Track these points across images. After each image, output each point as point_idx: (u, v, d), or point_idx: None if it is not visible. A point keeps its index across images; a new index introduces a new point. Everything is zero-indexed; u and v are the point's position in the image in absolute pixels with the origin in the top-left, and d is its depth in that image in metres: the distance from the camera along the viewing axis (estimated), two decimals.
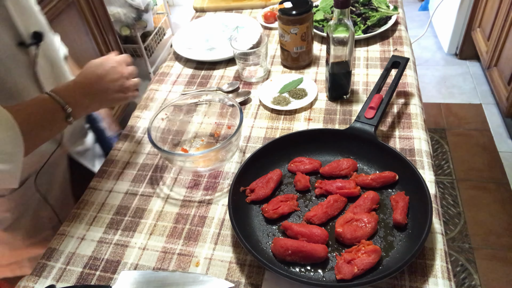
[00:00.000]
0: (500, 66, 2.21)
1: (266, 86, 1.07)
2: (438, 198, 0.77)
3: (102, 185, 0.88)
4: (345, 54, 0.91)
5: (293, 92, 1.04)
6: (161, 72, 1.21)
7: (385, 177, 0.77)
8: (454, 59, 2.77)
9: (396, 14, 1.23)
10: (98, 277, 0.71)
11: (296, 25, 1.04)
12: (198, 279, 0.67)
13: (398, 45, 1.17)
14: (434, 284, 0.64)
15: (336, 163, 0.81)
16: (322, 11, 1.29)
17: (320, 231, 0.69)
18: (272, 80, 1.09)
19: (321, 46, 1.22)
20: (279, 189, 0.80)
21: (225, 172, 0.87)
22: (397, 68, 0.94)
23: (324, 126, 0.95)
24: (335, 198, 0.75)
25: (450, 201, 1.90)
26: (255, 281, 0.68)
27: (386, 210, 0.74)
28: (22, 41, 0.75)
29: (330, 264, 0.67)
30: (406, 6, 2.43)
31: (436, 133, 2.24)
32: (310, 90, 1.03)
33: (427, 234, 0.63)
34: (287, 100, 1.01)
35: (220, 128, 0.94)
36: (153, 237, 0.76)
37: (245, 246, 0.65)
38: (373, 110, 0.85)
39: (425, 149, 0.86)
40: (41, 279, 0.72)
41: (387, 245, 0.68)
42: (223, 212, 0.79)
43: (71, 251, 0.76)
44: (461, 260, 1.68)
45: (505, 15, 2.08)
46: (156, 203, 0.83)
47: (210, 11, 1.49)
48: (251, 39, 1.19)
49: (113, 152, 0.96)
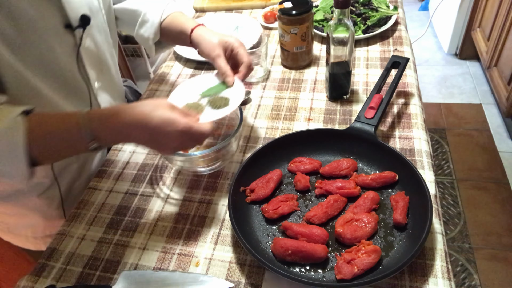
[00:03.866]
0: (500, 66, 2.21)
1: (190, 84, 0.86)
2: (438, 198, 0.77)
3: (102, 185, 0.88)
4: (345, 54, 0.91)
5: (213, 99, 0.81)
6: (161, 72, 1.21)
7: (385, 177, 0.77)
8: (454, 59, 2.77)
9: (396, 14, 1.23)
10: (98, 277, 0.71)
11: (296, 25, 1.04)
12: (198, 279, 0.67)
13: (398, 45, 1.17)
14: (434, 284, 0.64)
15: (336, 163, 0.81)
16: (322, 11, 1.29)
17: (320, 231, 0.69)
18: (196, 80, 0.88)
19: (321, 46, 1.22)
20: (279, 189, 0.80)
21: (225, 172, 0.87)
22: (397, 68, 0.94)
23: (324, 126, 0.95)
24: (335, 198, 0.75)
25: (450, 201, 1.90)
26: (255, 281, 0.68)
27: (386, 210, 0.74)
28: (68, 23, 0.75)
29: (330, 264, 0.67)
30: (406, 6, 2.43)
31: (436, 133, 2.24)
32: (233, 99, 0.80)
33: (427, 234, 0.63)
34: (200, 108, 0.79)
35: (220, 128, 0.94)
36: (153, 237, 0.76)
37: (245, 246, 0.65)
38: (373, 110, 0.85)
39: (425, 149, 0.86)
40: (41, 279, 0.72)
41: (387, 245, 0.68)
42: (223, 212, 0.79)
43: (71, 251, 0.76)
44: (461, 260, 1.68)
45: (505, 15, 2.08)
46: (156, 203, 0.83)
47: (210, 11, 1.49)
48: (251, 39, 1.19)
49: (113, 152, 0.96)
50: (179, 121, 0.62)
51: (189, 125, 0.63)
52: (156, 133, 0.62)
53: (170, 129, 0.62)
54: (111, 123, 0.63)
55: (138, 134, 0.63)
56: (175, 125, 0.62)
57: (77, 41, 0.78)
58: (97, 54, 0.87)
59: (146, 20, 0.96)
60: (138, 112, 0.62)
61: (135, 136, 0.64)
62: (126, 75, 2.49)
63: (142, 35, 0.98)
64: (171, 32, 0.95)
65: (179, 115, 0.63)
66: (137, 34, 0.99)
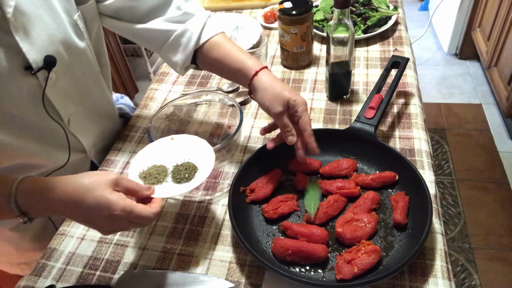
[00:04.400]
0: (500, 66, 2.21)
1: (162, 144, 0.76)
2: (438, 198, 0.77)
3: None
4: (345, 54, 0.91)
5: (177, 167, 0.71)
6: (161, 72, 1.21)
7: (385, 177, 0.77)
8: (454, 59, 2.77)
9: (396, 14, 1.23)
10: (98, 277, 0.71)
11: (296, 25, 1.04)
12: (198, 279, 0.67)
13: (398, 45, 1.17)
14: (434, 284, 0.64)
15: (336, 163, 0.81)
16: (322, 11, 1.29)
17: (320, 231, 0.69)
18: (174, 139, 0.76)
19: (321, 46, 1.22)
20: (279, 189, 0.80)
21: (225, 172, 0.87)
22: (397, 68, 0.94)
23: (324, 126, 0.95)
24: (335, 198, 0.75)
25: (450, 201, 1.90)
26: (255, 281, 0.68)
27: (386, 210, 0.74)
28: (28, 65, 0.68)
29: (330, 264, 0.67)
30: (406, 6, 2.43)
31: (436, 133, 2.24)
32: (201, 171, 0.69)
33: (427, 234, 0.63)
34: (162, 175, 0.70)
35: (220, 128, 0.94)
36: (153, 237, 0.76)
37: (245, 246, 0.65)
38: (373, 110, 0.85)
39: (425, 149, 0.86)
40: (41, 279, 0.72)
41: (387, 245, 0.68)
42: (223, 212, 0.79)
43: (71, 251, 0.76)
44: (461, 260, 1.68)
45: (505, 15, 2.08)
46: None
47: (210, 11, 1.49)
48: (251, 39, 1.19)
49: (113, 152, 0.96)
50: (116, 205, 0.57)
51: (128, 210, 0.57)
52: (90, 214, 0.58)
53: (106, 212, 0.57)
54: (41, 198, 0.58)
55: (70, 212, 0.59)
56: (112, 208, 0.57)
57: (41, 83, 0.70)
58: (75, 89, 0.80)
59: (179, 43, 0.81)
60: (72, 191, 0.57)
61: (68, 214, 0.60)
62: (126, 75, 2.49)
63: (169, 59, 0.85)
64: (223, 67, 0.80)
65: (118, 196, 0.57)
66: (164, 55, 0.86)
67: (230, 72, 0.80)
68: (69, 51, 0.75)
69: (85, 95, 0.85)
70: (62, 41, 0.73)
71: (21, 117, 0.71)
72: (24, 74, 0.68)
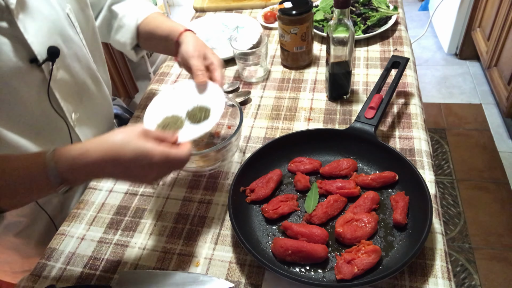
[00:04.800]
0: (500, 66, 2.21)
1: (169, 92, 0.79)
2: (438, 198, 0.77)
3: (102, 185, 0.88)
4: (345, 54, 0.91)
5: (192, 111, 0.75)
6: (161, 72, 1.21)
7: (385, 177, 0.77)
8: (454, 59, 2.77)
9: (396, 14, 1.23)
10: (98, 277, 0.71)
11: (296, 25, 1.04)
12: (198, 279, 0.67)
13: (398, 45, 1.17)
14: (434, 284, 0.64)
15: (336, 163, 0.81)
16: (322, 11, 1.29)
17: (320, 231, 0.69)
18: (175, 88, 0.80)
19: (321, 46, 1.22)
20: (279, 189, 0.80)
21: (225, 172, 0.87)
22: (397, 68, 0.94)
23: (324, 126, 0.95)
24: (335, 198, 0.75)
25: (450, 201, 1.90)
26: (255, 281, 0.68)
27: (386, 210, 0.74)
28: (34, 57, 0.69)
29: (330, 264, 0.67)
30: (406, 6, 2.43)
31: (436, 133, 2.24)
32: (214, 110, 0.73)
33: (427, 234, 0.63)
34: (179, 123, 0.73)
35: (220, 128, 0.94)
36: (153, 237, 0.76)
37: (245, 246, 0.65)
38: (373, 110, 0.85)
39: (425, 149, 0.86)
40: (41, 279, 0.72)
41: (387, 245, 0.68)
42: (223, 212, 0.79)
43: (71, 251, 0.76)
44: (461, 260, 1.68)
45: (505, 15, 2.08)
46: (156, 203, 0.83)
47: (210, 11, 1.49)
48: (251, 39, 1.19)
49: None
50: (154, 151, 0.57)
51: (165, 154, 0.58)
52: (131, 168, 0.58)
53: (146, 161, 0.57)
54: (80, 163, 0.57)
55: (111, 170, 0.58)
56: (150, 156, 0.57)
57: (46, 76, 0.72)
58: (75, 84, 0.81)
59: (122, 25, 0.92)
60: (109, 147, 0.57)
61: (108, 173, 0.59)
62: (126, 75, 2.49)
63: (118, 41, 0.95)
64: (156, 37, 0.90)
65: (153, 144, 0.58)
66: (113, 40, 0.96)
67: (161, 41, 0.88)
68: (66, 43, 0.77)
69: (85, 93, 0.86)
70: (60, 33, 0.75)
71: (26, 110, 0.72)
72: (30, 67, 0.69)
